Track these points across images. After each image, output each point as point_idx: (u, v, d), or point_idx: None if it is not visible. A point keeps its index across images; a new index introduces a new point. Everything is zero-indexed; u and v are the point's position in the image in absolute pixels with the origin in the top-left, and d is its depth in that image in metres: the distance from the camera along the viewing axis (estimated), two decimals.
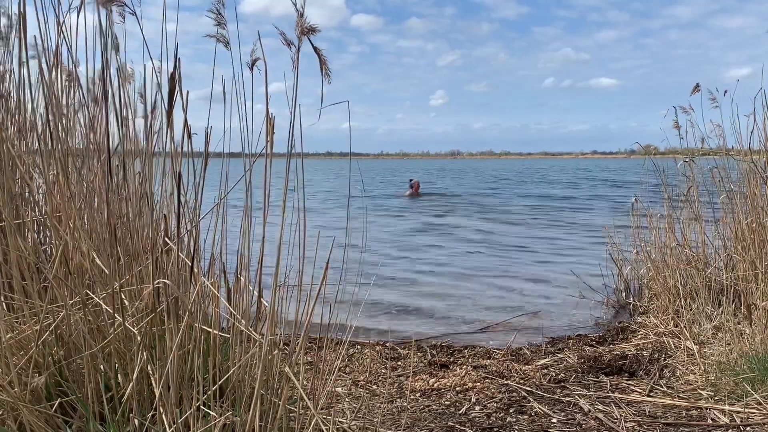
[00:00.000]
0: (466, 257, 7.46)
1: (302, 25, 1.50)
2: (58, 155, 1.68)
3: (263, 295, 1.74)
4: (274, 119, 1.59)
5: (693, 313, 3.47)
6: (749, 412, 2.38)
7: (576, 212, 13.61)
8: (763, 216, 3.27)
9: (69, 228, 1.67)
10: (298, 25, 1.51)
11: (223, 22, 1.64)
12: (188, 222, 1.84)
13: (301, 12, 1.49)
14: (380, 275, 5.88)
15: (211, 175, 1.81)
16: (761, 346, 2.68)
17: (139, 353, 1.56)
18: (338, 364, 2.36)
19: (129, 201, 1.93)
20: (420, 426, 2.35)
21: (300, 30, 1.51)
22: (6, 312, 1.71)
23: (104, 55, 1.68)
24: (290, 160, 1.66)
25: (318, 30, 1.50)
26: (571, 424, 2.37)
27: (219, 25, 1.64)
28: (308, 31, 1.50)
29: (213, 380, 1.66)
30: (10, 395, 1.52)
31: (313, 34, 1.50)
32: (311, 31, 1.50)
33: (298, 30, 1.52)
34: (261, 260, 1.69)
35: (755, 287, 3.10)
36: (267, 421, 1.67)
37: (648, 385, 2.79)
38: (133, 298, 1.73)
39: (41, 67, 1.71)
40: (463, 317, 4.50)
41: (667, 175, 4.21)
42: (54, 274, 1.64)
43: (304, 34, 1.51)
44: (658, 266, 4.07)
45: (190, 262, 1.66)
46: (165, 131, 1.68)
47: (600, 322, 4.27)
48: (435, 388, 2.82)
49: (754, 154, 3.45)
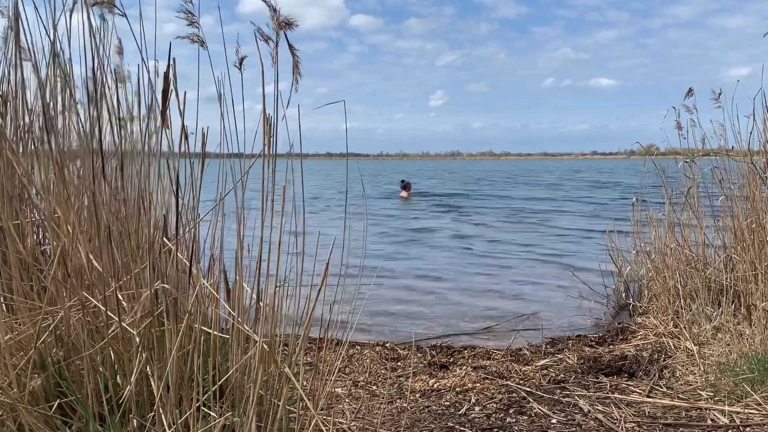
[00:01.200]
0: (464, 258, 7.46)
1: (278, 19, 1.48)
2: (54, 156, 1.68)
3: (262, 295, 1.74)
4: (271, 119, 1.58)
5: (693, 313, 3.47)
6: (749, 412, 2.37)
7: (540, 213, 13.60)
8: (763, 217, 3.27)
9: (67, 229, 1.67)
10: (274, 20, 1.48)
11: (195, 21, 1.59)
12: (187, 223, 1.83)
13: (274, 6, 1.47)
14: (380, 275, 5.87)
15: (209, 175, 1.81)
16: (761, 346, 2.68)
17: (139, 354, 1.56)
18: (338, 364, 2.36)
19: (126, 202, 1.92)
20: (420, 426, 2.35)
21: (276, 24, 1.48)
22: (5, 313, 1.71)
23: (96, 56, 1.68)
24: (285, 160, 1.65)
25: (295, 24, 1.47)
26: (570, 425, 2.37)
27: (191, 24, 1.60)
28: (284, 26, 1.48)
29: (213, 381, 1.66)
30: (9, 396, 1.52)
31: (289, 28, 1.48)
32: (287, 26, 1.48)
33: (274, 24, 1.49)
34: (260, 261, 1.68)
35: (755, 288, 3.10)
36: (267, 422, 1.66)
37: (647, 385, 2.79)
38: (132, 300, 1.73)
39: (37, 68, 1.70)
40: (463, 318, 4.50)
41: (668, 176, 4.21)
42: (53, 276, 1.64)
43: (281, 28, 1.48)
44: (657, 267, 4.07)
45: (189, 263, 1.66)
46: (160, 131, 1.67)
47: (600, 322, 4.27)
48: (435, 389, 2.81)
49: (754, 154, 3.45)
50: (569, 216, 12.73)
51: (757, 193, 3.37)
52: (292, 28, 1.48)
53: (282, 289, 1.78)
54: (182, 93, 1.55)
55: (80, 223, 1.75)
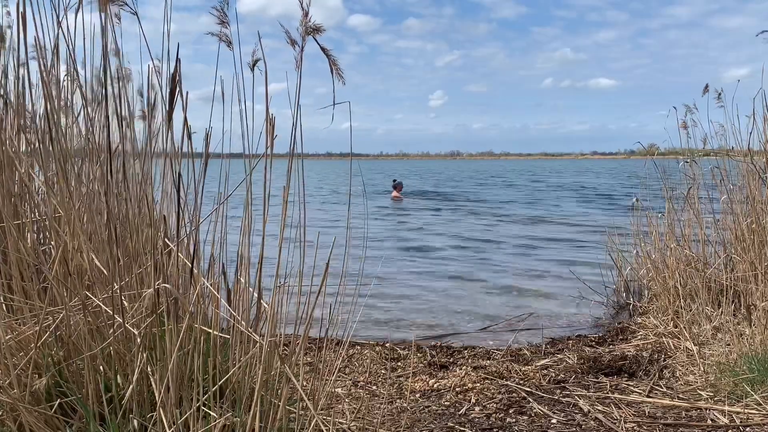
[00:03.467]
0: (463, 258, 7.46)
1: (306, 24, 1.49)
2: (57, 156, 1.67)
3: (263, 295, 1.74)
4: (274, 120, 1.59)
5: (693, 313, 3.47)
6: (749, 412, 2.38)
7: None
8: (763, 217, 3.27)
9: (69, 229, 1.67)
10: (302, 24, 1.49)
11: (226, 20, 1.62)
12: (188, 223, 1.83)
13: (307, 11, 1.48)
14: (379, 275, 5.87)
15: (211, 175, 1.81)
16: (761, 346, 2.68)
17: (139, 354, 1.56)
18: (338, 364, 2.36)
19: (129, 201, 1.92)
20: (420, 427, 2.35)
21: (304, 29, 1.49)
22: (6, 313, 1.71)
23: (104, 55, 1.68)
24: (290, 160, 1.65)
25: (323, 29, 1.49)
26: (570, 425, 2.37)
27: (222, 23, 1.62)
28: (313, 31, 1.49)
29: (213, 381, 1.66)
30: (9, 396, 1.52)
31: (318, 33, 1.49)
32: (316, 31, 1.49)
33: (302, 29, 1.50)
34: (261, 261, 1.68)
35: (755, 288, 3.10)
36: (267, 422, 1.67)
37: (647, 385, 2.79)
38: (133, 300, 1.73)
39: (41, 67, 1.70)
40: (463, 318, 4.50)
41: (668, 176, 4.21)
42: (54, 275, 1.64)
43: (308, 33, 1.49)
44: (657, 267, 4.07)
45: (190, 263, 1.66)
46: (165, 131, 1.68)
47: (600, 322, 4.27)
48: (435, 389, 2.82)
49: (754, 154, 3.45)
50: (568, 215, 12.74)
51: (757, 192, 3.37)
52: (320, 33, 1.49)
53: (282, 288, 1.78)
54: (185, 94, 1.55)
55: (82, 223, 1.75)
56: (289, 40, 1.51)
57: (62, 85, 2.02)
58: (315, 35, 1.48)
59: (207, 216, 1.82)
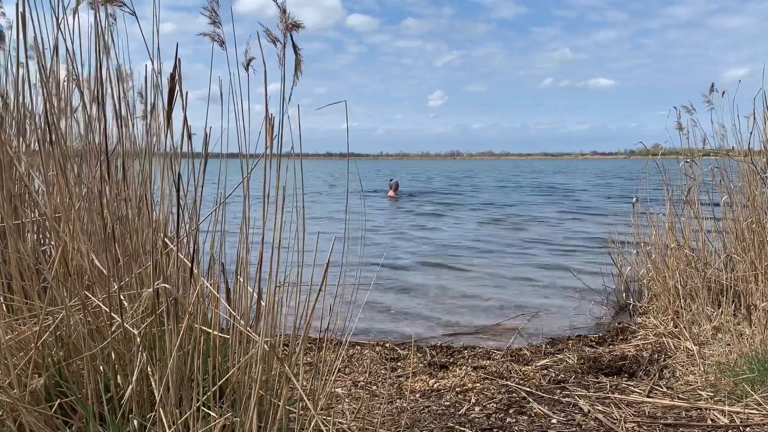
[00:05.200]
0: (463, 258, 7.46)
1: (286, 21, 1.51)
2: (56, 156, 1.68)
3: (263, 295, 1.74)
4: (273, 119, 1.59)
5: (693, 313, 3.47)
6: (749, 412, 2.37)
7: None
8: (763, 216, 3.27)
9: (68, 229, 1.67)
10: (282, 21, 1.52)
11: (218, 20, 1.63)
12: (188, 223, 1.83)
13: (284, 8, 1.51)
14: (379, 275, 5.87)
15: (210, 175, 1.81)
16: (761, 346, 2.68)
17: (139, 354, 1.56)
18: (338, 364, 2.36)
19: (128, 202, 1.92)
20: (420, 427, 2.35)
21: (285, 26, 1.52)
22: (6, 313, 1.71)
23: (100, 56, 1.68)
24: (286, 160, 1.65)
25: (302, 26, 1.52)
26: (570, 425, 2.37)
27: (214, 23, 1.63)
28: (292, 27, 1.51)
29: (213, 381, 1.66)
30: (9, 396, 1.52)
31: (296, 30, 1.52)
32: (295, 27, 1.51)
33: (282, 26, 1.53)
34: (260, 261, 1.68)
35: (755, 288, 3.10)
36: (267, 422, 1.67)
37: (648, 385, 2.79)
38: (133, 300, 1.73)
39: (40, 67, 1.70)
40: (462, 318, 4.50)
41: (669, 176, 4.21)
42: (53, 275, 1.64)
43: (288, 30, 1.52)
44: (657, 267, 4.07)
45: (190, 263, 1.66)
46: (164, 131, 1.68)
47: (600, 322, 4.26)
48: (435, 389, 2.82)
49: (754, 154, 3.45)
50: (566, 215, 12.75)
51: (758, 192, 3.37)
52: (299, 29, 1.52)
53: (282, 288, 1.78)
54: (184, 93, 1.55)
55: (81, 222, 1.75)
56: (270, 38, 1.54)
57: (62, 86, 2.02)
58: (293, 32, 1.51)
59: (207, 216, 1.82)
